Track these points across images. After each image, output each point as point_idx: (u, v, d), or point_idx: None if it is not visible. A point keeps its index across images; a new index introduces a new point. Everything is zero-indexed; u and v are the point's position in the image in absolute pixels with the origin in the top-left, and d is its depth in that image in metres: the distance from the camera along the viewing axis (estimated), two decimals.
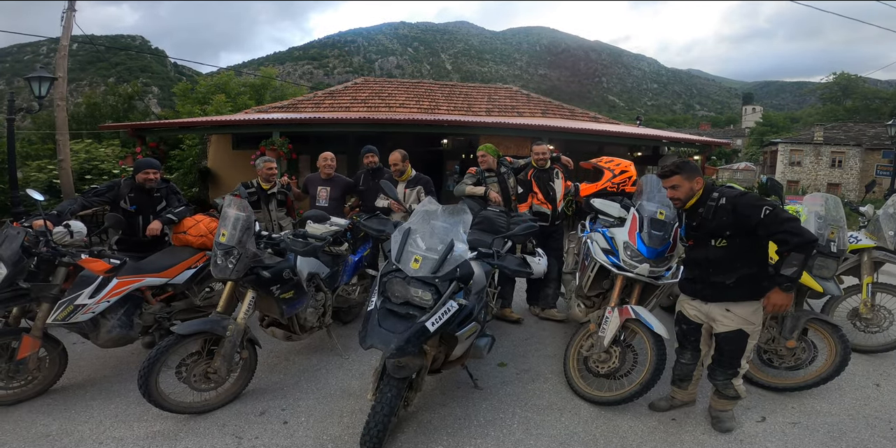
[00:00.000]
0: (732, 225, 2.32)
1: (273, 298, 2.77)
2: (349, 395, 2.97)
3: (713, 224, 2.38)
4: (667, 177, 2.45)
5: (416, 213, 2.33)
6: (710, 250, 2.43)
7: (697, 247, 2.51)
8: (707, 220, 2.40)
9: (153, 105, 64.73)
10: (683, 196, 2.44)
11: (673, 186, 2.45)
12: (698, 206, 2.45)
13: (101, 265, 2.79)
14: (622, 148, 12.01)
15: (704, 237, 2.44)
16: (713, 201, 2.37)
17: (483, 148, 4.33)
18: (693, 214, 2.48)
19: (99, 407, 2.83)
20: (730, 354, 2.50)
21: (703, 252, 2.47)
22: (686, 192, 2.43)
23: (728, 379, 2.54)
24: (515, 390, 3.10)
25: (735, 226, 2.32)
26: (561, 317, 4.38)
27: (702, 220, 2.43)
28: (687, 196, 2.44)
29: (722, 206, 2.34)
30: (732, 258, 2.39)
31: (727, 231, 2.35)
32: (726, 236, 2.36)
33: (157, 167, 3.69)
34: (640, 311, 2.92)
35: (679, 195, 2.44)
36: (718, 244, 2.40)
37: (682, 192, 2.44)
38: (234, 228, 2.58)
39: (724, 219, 2.33)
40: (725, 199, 2.34)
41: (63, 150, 9.83)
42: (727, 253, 2.39)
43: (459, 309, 2.12)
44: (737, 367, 2.52)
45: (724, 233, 2.36)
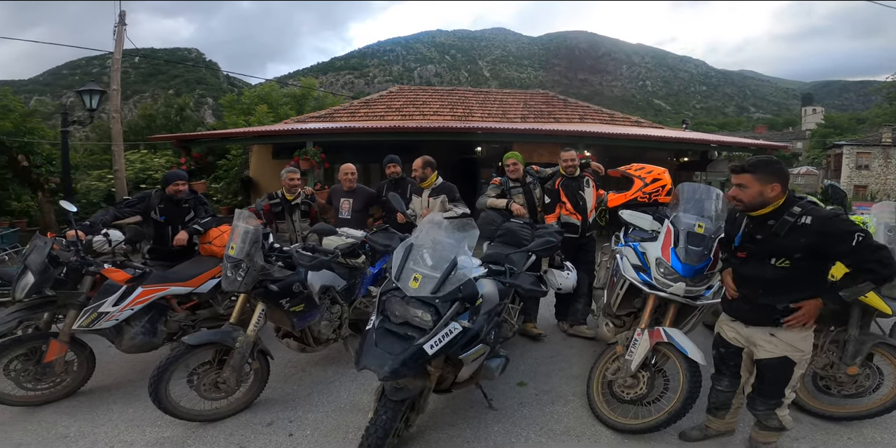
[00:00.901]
0: (809, 247, 2.02)
1: (283, 311, 2.76)
2: (358, 410, 2.91)
3: (784, 242, 2.07)
4: (736, 173, 2.13)
5: (421, 227, 2.22)
6: (767, 269, 2.14)
7: (751, 263, 2.21)
8: (776, 236, 2.08)
9: (208, 116, 68.48)
10: (747, 200, 2.11)
11: (739, 185, 2.12)
12: (770, 218, 2.11)
13: (121, 275, 2.87)
14: (666, 153, 11.47)
15: (764, 254, 2.14)
16: (792, 216, 2.04)
17: (513, 156, 4.15)
18: (760, 225, 2.14)
19: (119, 410, 2.91)
20: (772, 383, 2.24)
21: (758, 270, 2.18)
22: (752, 196, 2.09)
23: (770, 409, 2.28)
24: (532, 412, 2.93)
25: (812, 249, 2.02)
26: (591, 334, 4.14)
27: (769, 235, 2.10)
28: (752, 201, 2.10)
29: (803, 226, 2.02)
30: (791, 281, 2.11)
31: (798, 253, 2.05)
32: (793, 258, 2.07)
33: (185, 179, 3.81)
34: (674, 333, 2.67)
35: (742, 197, 2.11)
36: (779, 264, 2.10)
37: (746, 195, 2.10)
38: (242, 242, 2.59)
39: (801, 240, 2.02)
40: (811, 219, 2.01)
41: (118, 160, 10.48)
42: (787, 275, 2.10)
43: (462, 331, 1.99)
44: (780, 398, 2.26)
45: (792, 254, 2.06)
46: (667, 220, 2.85)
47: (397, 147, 9.23)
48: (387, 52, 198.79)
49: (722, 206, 2.82)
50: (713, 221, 2.74)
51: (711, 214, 2.78)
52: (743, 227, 2.25)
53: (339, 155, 9.20)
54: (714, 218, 2.76)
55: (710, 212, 2.79)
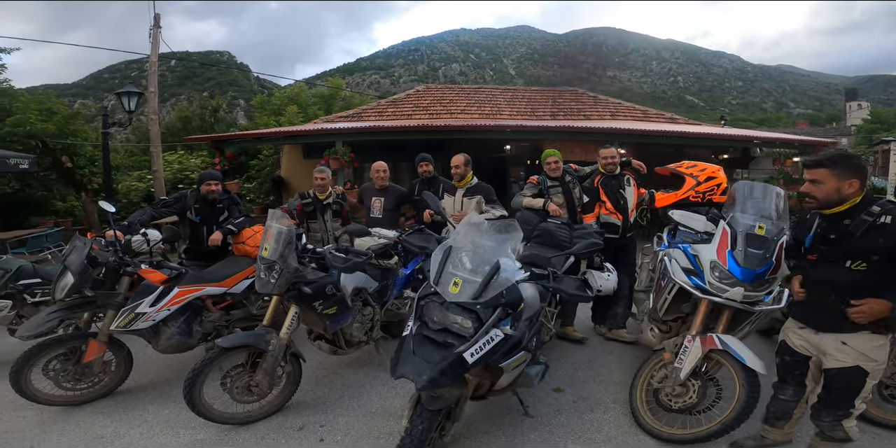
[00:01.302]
0: (888, 249, 1.88)
1: (316, 314, 2.70)
2: (389, 415, 2.84)
3: (861, 243, 1.92)
4: (811, 168, 2.02)
5: (460, 228, 2.11)
6: (841, 272, 1.99)
7: (822, 266, 2.07)
8: (852, 237, 1.94)
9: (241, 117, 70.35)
10: (822, 196, 1.99)
11: (813, 181, 2.01)
12: (846, 217, 1.98)
13: (157, 276, 2.88)
14: (705, 150, 10.97)
15: (839, 255, 1.99)
16: (870, 216, 1.92)
17: (553, 153, 4.00)
18: (835, 225, 2.02)
19: (154, 411, 2.91)
20: (841, 394, 2.09)
21: (831, 273, 2.02)
22: (828, 192, 1.98)
23: (837, 420, 2.12)
24: (570, 420, 2.80)
25: (892, 251, 1.88)
26: (630, 338, 3.96)
27: (845, 235, 1.97)
28: (827, 198, 1.99)
29: (882, 226, 1.90)
30: (868, 285, 1.94)
31: (876, 255, 1.90)
32: (870, 260, 1.92)
33: (218, 179, 3.82)
34: (730, 341, 2.49)
35: (817, 193, 2.00)
36: (855, 266, 1.95)
37: (821, 191, 1.99)
38: (276, 243, 2.55)
39: (879, 240, 1.89)
40: (891, 219, 1.89)
41: (156, 161, 10.81)
42: (863, 279, 1.95)
43: (504, 339, 1.87)
44: (849, 409, 2.11)
45: (870, 256, 1.91)
46: (722, 221, 2.65)
47: (425, 146, 9.16)
48: (411, 52, 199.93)
49: (784, 205, 2.62)
50: (774, 222, 2.53)
51: (772, 215, 2.57)
52: (815, 227, 2.10)
53: (368, 154, 9.20)
54: (775, 218, 2.56)
55: (771, 212, 2.58)
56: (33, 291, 3.58)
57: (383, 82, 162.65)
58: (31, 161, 7.58)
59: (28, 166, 7.48)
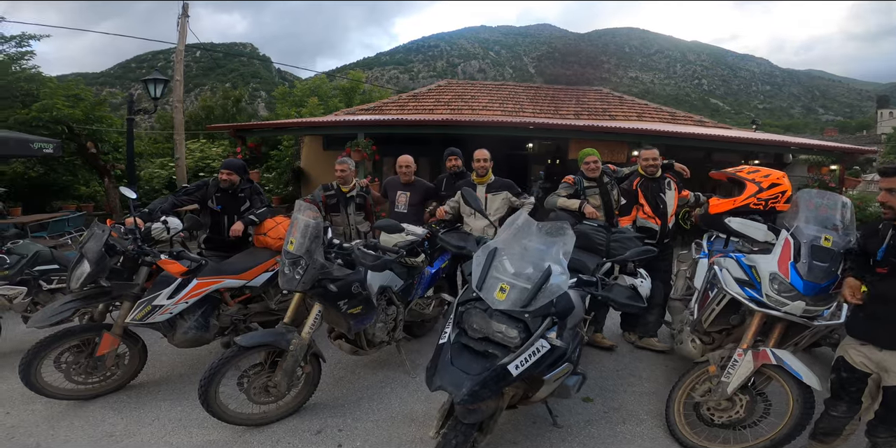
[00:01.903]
0: None
1: (340, 313, 2.55)
2: (411, 421, 2.70)
3: None
4: (889, 176, 2.00)
5: (506, 228, 1.93)
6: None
7: (893, 280, 1.96)
8: None
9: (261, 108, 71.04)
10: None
11: (890, 190, 1.98)
12: None
13: (177, 267, 2.76)
14: (734, 155, 10.57)
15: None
16: None
17: (592, 153, 3.78)
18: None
19: (167, 408, 2.80)
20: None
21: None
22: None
23: (894, 437, 2.06)
24: (602, 432, 2.65)
25: None
26: (662, 347, 3.77)
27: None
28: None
29: None
30: None
31: None
32: None
33: (234, 168, 3.69)
34: (785, 356, 2.34)
35: (894, 204, 1.98)
36: None
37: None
38: (303, 236, 2.40)
39: None
40: None
41: (179, 149, 10.83)
42: None
43: (551, 350, 1.70)
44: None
45: None
46: (785, 231, 2.45)
47: (446, 141, 8.97)
48: (431, 48, 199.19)
49: (851, 216, 2.43)
50: (840, 234, 2.33)
51: (838, 226, 2.38)
52: (888, 238, 2.00)
53: (389, 147, 9.08)
54: (841, 230, 2.36)
55: (837, 222, 2.40)
56: (50, 278, 3.51)
57: (402, 77, 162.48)
58: (55, 145, 7.60)
59: (53, 151, 7.50)
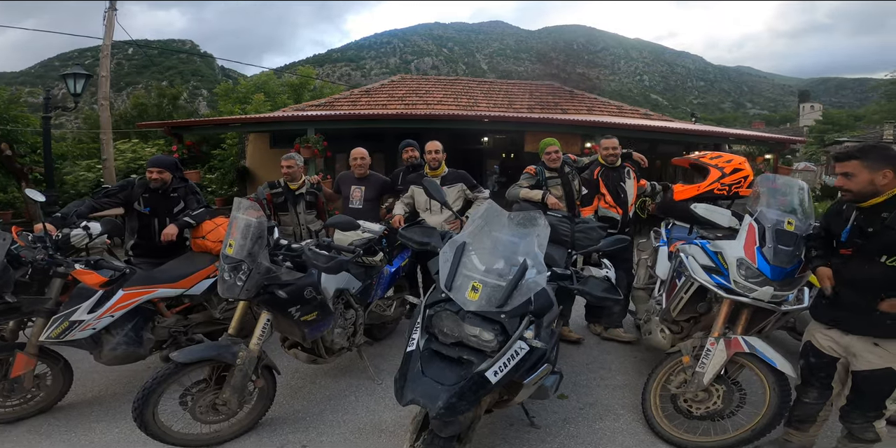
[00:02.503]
0: None
1: (292, 321, 2.30)
2: (381, 432, 2.50)
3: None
4: (842, 160, 1.98)
5: (473, 221, 1.77)
6: (876, 268, 1.89)
7: (856, 261, 1.96)
8: (891, 230, 1.84)
9: (203, 107, 67.50)
10: (856, 189, 1.93)
11: (845, 173, 1.95)
12: (884, 209, 1.88)
13: (95, 278, 2.41)
14: (676, 146, 11.05)
15: (874, 250, 1.89)
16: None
17: (553, 142, 3.71)
18: (872, 217, 1.91)
19: (102, 431, 2.51)
20: (872, 396, 2.04)
21: (865, 269, 1.92)
22: (862, 184, 1.91)
23: (868, 422, 2.06)
24: (581, 430, 2.57)
25: None
26: (628, 338, 3.76)
27: (883, 228, 1.86)
28: (862, 190, 1.92)
29: None
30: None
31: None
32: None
33: (163, 165, 3.30)
34: (757, 343, 2.32)
35: (850, 186, 1.94)
36: (890, 262, 1.85)
37: (855, 184, 1.93)
38: (244, 238, 2.13)
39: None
40: None
41: (106, 149, 9.95)
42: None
43: (530, 351, 1.56)
44: (880, 410, 2.04)
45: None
46: (749, 216, 2.44)
47: (401, 136, 8.75)
48: (384, 45, 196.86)
49: (808, 200, 2.46)
50: (801, 217, 2.36)
51: (797, 209, 2.41)
52: (852, 220, 1.99)
53: (341, 143, 8.74)
54: (801, 213, 2.38)
55: (796, 206, 2.43)
56: None
57: (354, 74, 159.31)
58: None
59: None
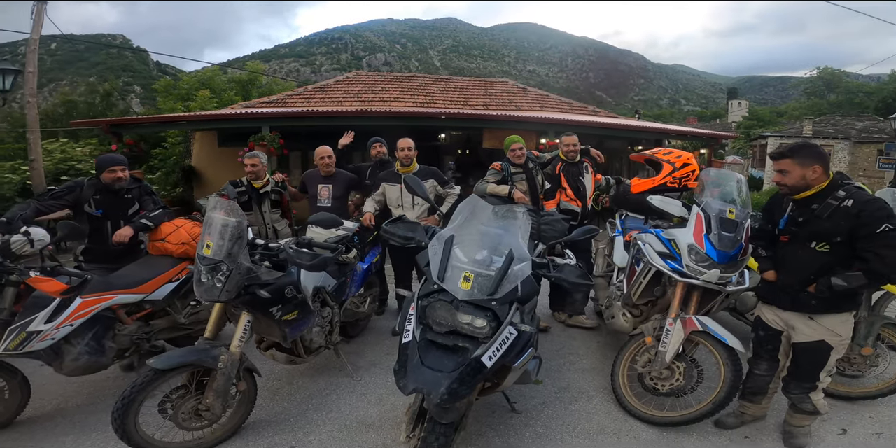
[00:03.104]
0: (849, 231, 2.00)
1: (273, 321, 2.28)
2: (367, 427, 2.54)
3: (826, 225, 2.03)
4: (777, 159, 2.16)
5: (459, 214, 1.84)
6: (807, 253, 2.12)
7: (792, 247, 2.19)
8: (819, 219, 2.06)
9: (135, 104, 63.35)
10: (791, 183, 2.12)
11: (781, 171, 2.14)
12: (813, 201, 2.09)
13: (54, 285, 2.27)
14: (622, 141, 11.65)
15: (805, 237, 2.11)
16: (836, 200, 2.04)
17: (517, 139, 3.84)
18: (804, 208, 2.12)
19: (72, 443, 2.41)
20: (807, 367, 2.25)
21: (799, 254, 2.15)
22: (795, 179, 2.10)
23: (804, 393, 2.28)
24: (558, 412, 2.72)
25: (850, 233, 2.00)
26: (590, 324, 3.98)
27: (812, 218, 2.08)
28: (796, 184, 2.11)
29: (844, 208, 2.00)
30: (828, 266, 2.07)
31: (838, 236, 2.01)
32: (833, 241, 2.03)
33: (124, 163, 3.15)
34: (709, 322, 2.53)
35: (786, 181, 2.13)
36: (819, 248, 2.08)
37: (789, 179, 2.12)
38: (221, 238, 2.07)
39: (841, 223, 2.00)
40: (852, 202, 2.01)
41: (35, 149, 9.11)
42: (826, 259, 2.08)
43: (518, 336, 1.66)
44: (815, 382, 2.27)
45: (832, 237, 2.03)
46: (696, 206, 2.67)
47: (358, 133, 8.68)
48: (335, 40, 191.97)
49: (746, 191, 2.72)
50: (740, 206, 2.61)
51: (737, 199, 2.66)
52: (788, 210, 2.23)
53: (295, 142, 8.53)
54: (740, 203, 2.64)
55: (735, 196, 2.68)
56: None
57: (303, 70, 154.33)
58: None
59: None
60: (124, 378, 3.11)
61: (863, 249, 1.98)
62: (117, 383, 3.04)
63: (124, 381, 3.02)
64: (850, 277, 1.99)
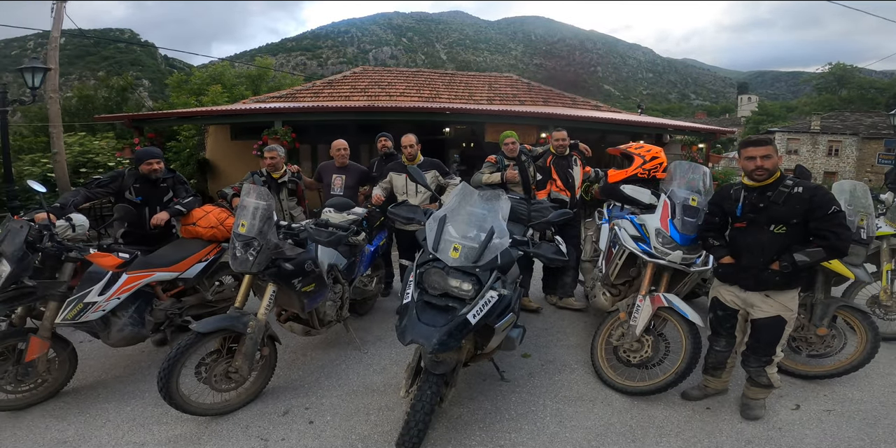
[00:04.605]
0: (803, 214, 2.27)
1: (294, 292, 2.64)
2: (373, 392, 2.87)
3: (782, 209, 2.31)
4: (762, 145, 2.33)
5: (451, 199, 2.19)
6: (766, 235, 2.37)
7: (751, 231, 2.42)
8: (775, 205, 2.32)
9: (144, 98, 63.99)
10: (772, 167, 2.32)
11: (766, 156, 2.31)
12: (768, 190, 2.35)
13: (111, 260, 2.63)
14: (624, 136, 11.86)
15: (764, 221, 2.37)
16: (786, 188, 2.30)
17: (511, 135, 4.18)
18: (761, 196, 2.37)
19: (115, 410, 2.68)
20: (766, 341, 2.48)
21: (757, 237, 2.40)
22: (774, 163, 2.32)
23: (762, 366, 2.52)
24: (543, 382, 3.03)
25: (804, 215, 2.28)
26: (579, 305, 4.31)
27: (769, 204, 2.34)
28: (773, 168, 2.33)
29: (797, 194, 2.28)
30: (786, 246, 2.34)
31: (794, 219, 2.29)
32: (790, 223, 2.31)
33: (159, 156, 3.52)
34: (673, 299, 2.84)
35: (768, 166, 2.31)
36: (777, 230, 2.35)
37: (771, 163, 2.31)
38: (253, 218, 2.43)
39: (796, 207, 2.28)
40: (803, 189, 2.28)
41: (57, 143, 9.60)
42: (782, 240, 2.34)
43: (499, 299, 2.01)
44: (771, 355, 2.50)
45: (790, 220, 2.30)
46: (663, 194, 2.98)
47: (365, 127, 9.00)
48: (341, 34, 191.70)
49: (709, 181, 3.00)
50: (702, 196, 2.90)
51: (701, 189, 2.95)
52: (742, 199, 2.44)
53: (305, 135, 8.89)
54: (703, 192, 2.93)
55: (700, 187, 2.96)
56: None
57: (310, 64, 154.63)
58: None
59: None
60: (157, 352, 3.44)
61: (819, 229, 2.23)
62: (150, 357, 3.35)
63: (157, 355, 3.37)
64: (811, 253, 2.24)
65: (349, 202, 2.81)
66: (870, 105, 41.12)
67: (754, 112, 54.59)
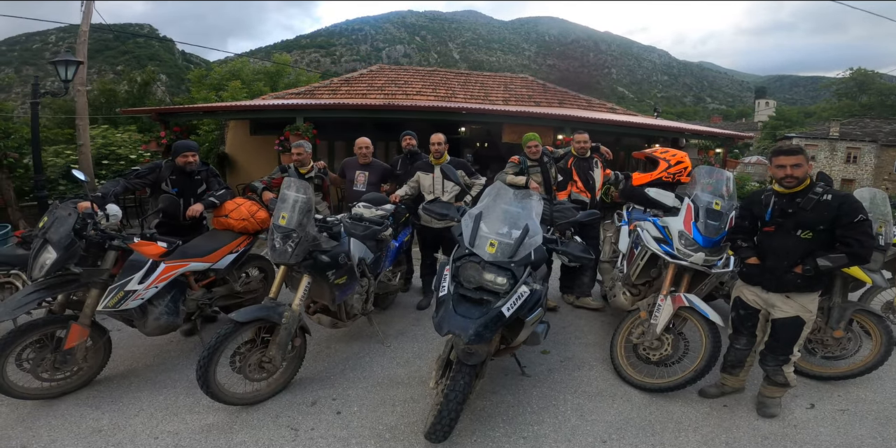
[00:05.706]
0: (830, 221, 2.33)
1: (327, 284, 2.72)
2: (397, 384, 2.94)
3: (810, 216, 2.37)
4: (793, 154, 2.39)
5: (486, 196, 2.27)
6: (792, 240, 2.43)
7: (778, 235, 2.49)
8: (804, 211, 2.38)
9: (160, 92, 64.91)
10: (802, 176, 2.39)
11: (796, 165, 2.38)
12: (798, 196, 2.42)
13: (155, 249, 2.73)
14: (639, 139, 11.85)
15: (791, 226, 2.43)
16: (816, 195, 2.36)
17: (534, 138, 4.25)
18: (791, 202, 2.44)
19: (147, 399, 2.73)
20: (785, 341, 2.55)
21: (784, 241, 2.46)
22: (805, 172, 2.40)
23: (779, 365, 2.59)
24: (563, 377, 3.09)
25: (831, 222, 2.34)
26: (596, 305, 4.35)
27: (798, 209, 2.40)
28: (803, 177, 2.40)
29: (826, 202, 2.35)
30: (811, 250, 2.39)
31: (821, 225, 2.35)
32: (816, 229, 2.37)
33: (195, 149, 3.62)
34: (694, 299, 2.89)
35: (798, 174, 2.38)
36: (803, 235, 2.40)
37: (801, 172, 2.38)
38: (293, 211, 2.51)
39: (824, 214, 2.34)
40: (832, 196, 2.34)
41: (83, 135, 9.82)
42: (809, 245, 2.40)
43: (531, 294, 2.08)
44: (789, 354, 2.57)
45: (817, 226, 2.36)
46: (687, 198, 3.03)
47: (382, 125, 9.11)
48: (355, 31, 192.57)
49: (733, 186, 3.06)
50: (726, 200, 2.95)
51: (724, 194, 3.00)
52: (772, 205, 2.51)
53: (324, 132, 9.01)
54: (726, 196, 2.98)
55: (723, 191, 3.02)
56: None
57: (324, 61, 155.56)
58: None
59: None
60: (184, 342, 3.52)
61: (844, 236, 2.31)
62: (180, 347, 3.42)
63: (186, 345, 3.45)
64: (834, 258, 2.31)
65: (383, 197, 2.89)
66: (890, 111, 40.40)
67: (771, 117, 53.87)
